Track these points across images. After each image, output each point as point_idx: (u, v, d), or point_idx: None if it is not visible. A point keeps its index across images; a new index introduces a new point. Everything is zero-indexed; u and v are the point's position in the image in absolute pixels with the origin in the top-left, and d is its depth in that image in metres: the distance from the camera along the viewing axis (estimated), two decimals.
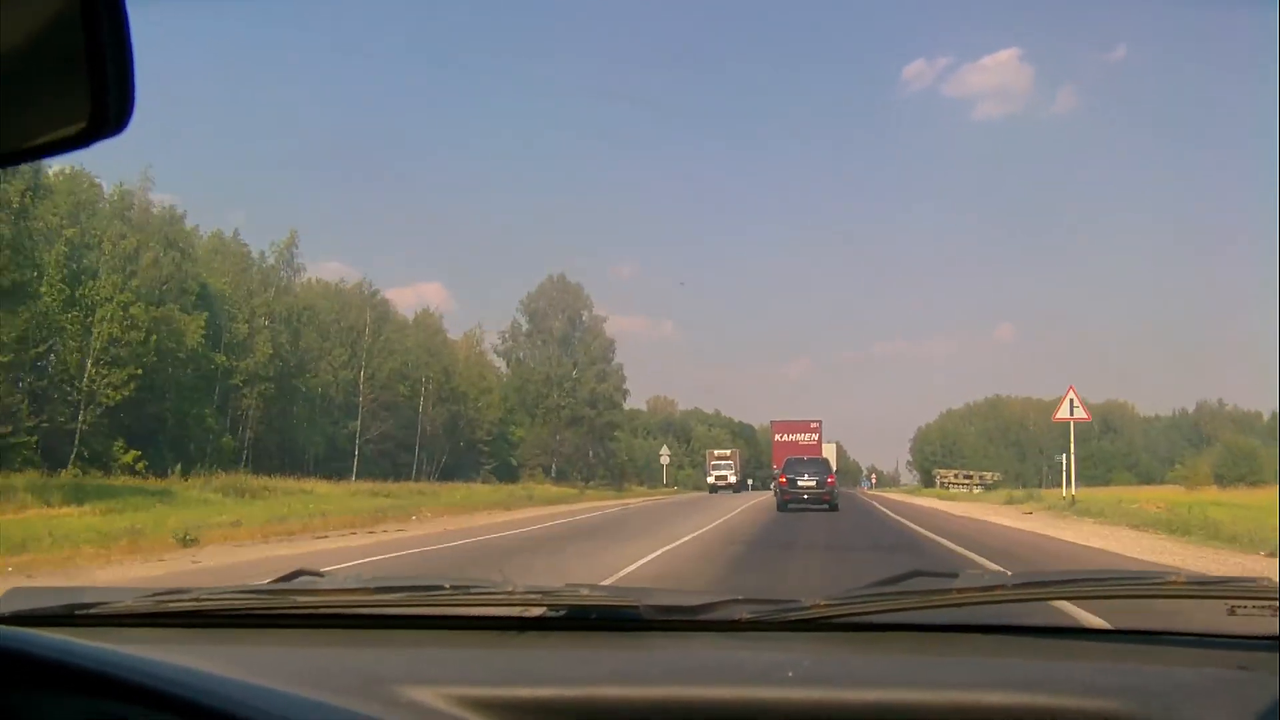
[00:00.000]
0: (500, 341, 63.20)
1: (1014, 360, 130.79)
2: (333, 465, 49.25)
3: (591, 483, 65.16)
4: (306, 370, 47.36)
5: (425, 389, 54.14)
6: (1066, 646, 1.62)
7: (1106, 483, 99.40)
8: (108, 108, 0.94)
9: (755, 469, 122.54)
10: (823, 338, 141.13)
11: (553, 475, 57.17)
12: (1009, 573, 2.18)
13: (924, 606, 1.65)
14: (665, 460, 62.93)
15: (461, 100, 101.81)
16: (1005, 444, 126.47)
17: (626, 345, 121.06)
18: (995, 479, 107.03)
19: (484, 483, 50.97)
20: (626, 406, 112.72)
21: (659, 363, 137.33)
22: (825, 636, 1.64)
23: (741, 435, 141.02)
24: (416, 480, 49.40)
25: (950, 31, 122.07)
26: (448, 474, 53.64)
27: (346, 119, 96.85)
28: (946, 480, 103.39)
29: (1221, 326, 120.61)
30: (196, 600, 1.77)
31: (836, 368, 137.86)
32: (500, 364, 64.67)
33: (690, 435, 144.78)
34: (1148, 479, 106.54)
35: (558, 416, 58.56)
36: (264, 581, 1.96)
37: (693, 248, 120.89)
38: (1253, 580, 1.65)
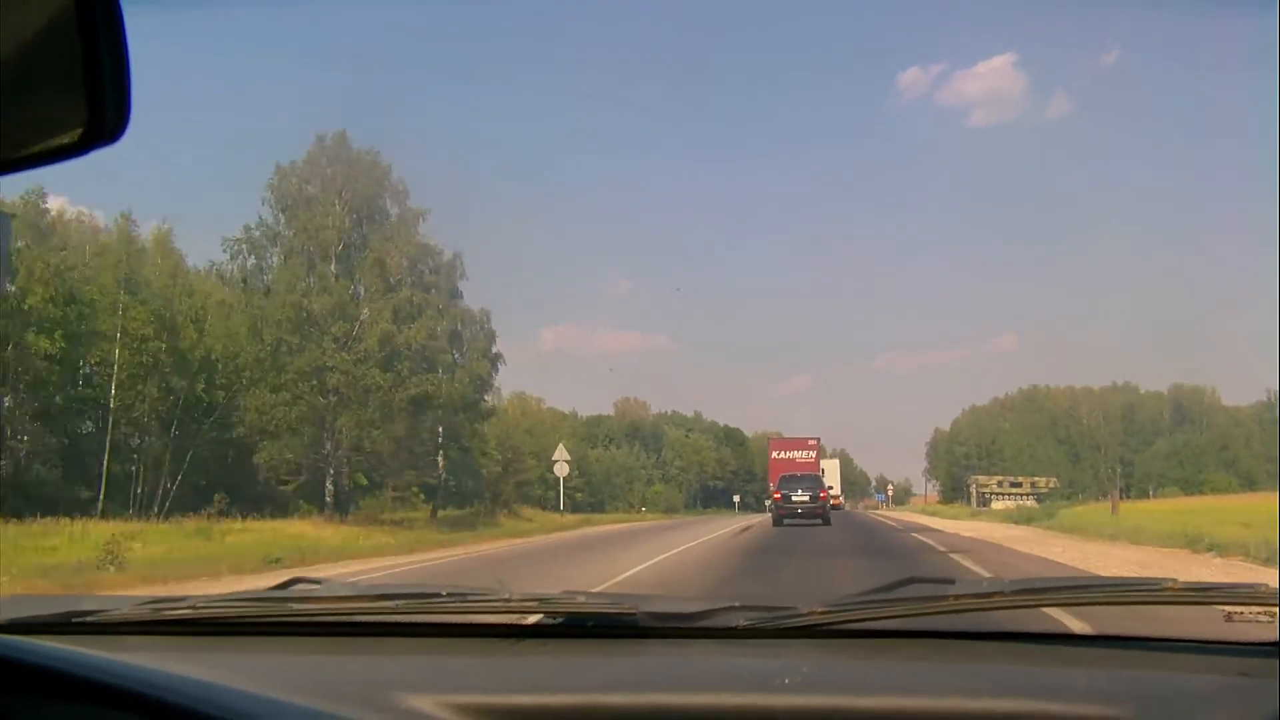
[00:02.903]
0: (228, 257, 32.92)
1: (1032, 361, 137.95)
2: None
3: (443, 513, 38.40)
4: None
5: (122, 346, 27.07)
6: (1066, 653, 1.69)
7: (1199, 487, 69.88)
8: (105, 116, 0.96)
9: (745, 482, 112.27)
10: (824, 350, 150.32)
11: (329, 501, 29.26)
12: (1006, 579, 2.19)
13: (922, 613, 1.72)
14: (561, 471, 35.40)
15: (456, 110, 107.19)
16: (1053, 442, 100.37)
17: (621, 360, 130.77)
18: (1050, 486, 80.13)
19: (288, 516, 30.14)
20: (594, 412, 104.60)
21: (655, 378, 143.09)
22: (823, 643, 1.71)
23: (728, 442, 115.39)
24: (106, 518, 26.53)
25: (944, 38, 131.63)
26: (198, 502, 26.49)
27: (338, 124, 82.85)
28: (988, 491, 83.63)
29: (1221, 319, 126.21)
30: (194, 608, 1.85)
31: (840, 380, 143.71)
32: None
33: (662, 443, 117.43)
34: (1250, 482, 77.77)
35: (319, 388, 29.93)
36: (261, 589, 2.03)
37: (689, 261, 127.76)
38: (1250, 586, 1.72)
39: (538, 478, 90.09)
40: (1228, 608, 1.63)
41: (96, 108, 0.93)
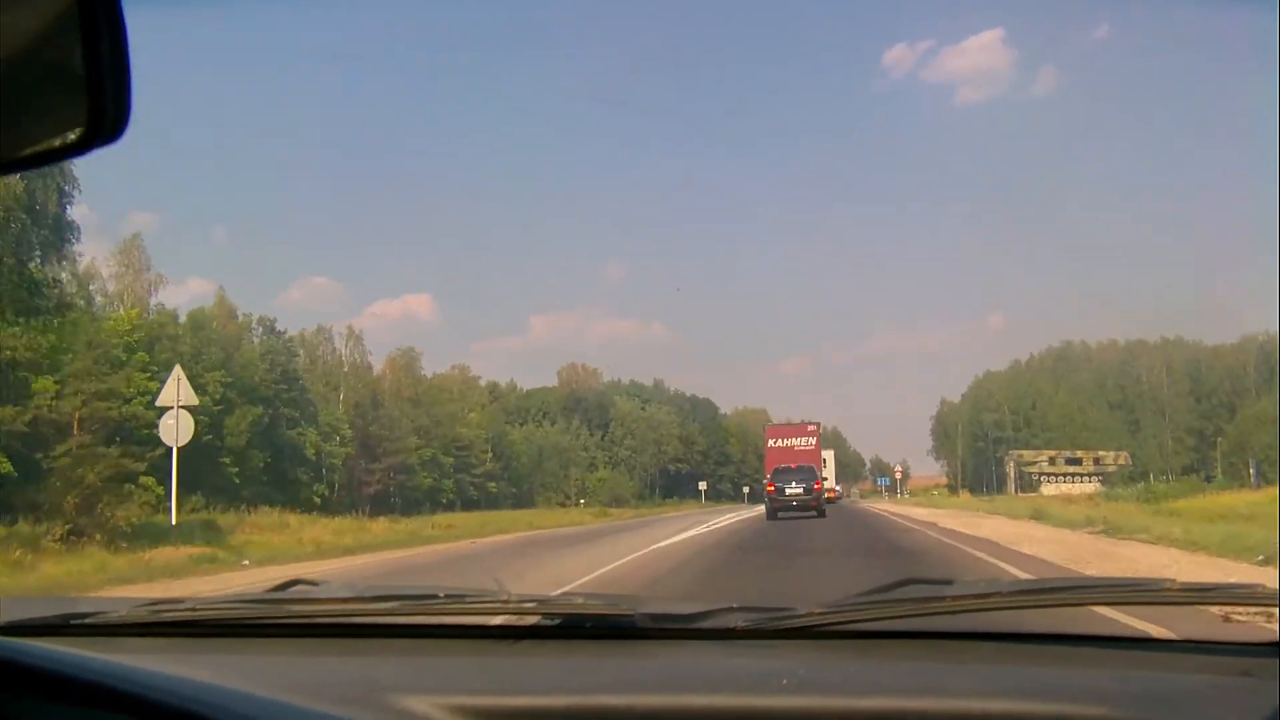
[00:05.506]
0: None
1: (1025, 338, 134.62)
2: None
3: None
4: None
5: None
6: (1064, 653, 1.75)
7: None
8: (105, 115, 1.00)
9: (717, 465, 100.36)
10: (818, 333, 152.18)
11: None
12: (1004, 580, 2.23)
13: (920, 614, 1.77)
14: (174, 436, 10.32)
15: (449, 104, 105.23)
16: (1105, 406, 77.10)
17: (616, 347, 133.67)
18: (1121, 462, 55.39)
19: None
20: (537, 383, 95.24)
21: (649, 365, 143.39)
22: (820, 644, 1.78)
23: (695, 416, 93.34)
24: None
25: (931, 14, 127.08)
26: None
27: (336, 126, 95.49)
28: (1035, 470, 68.84)
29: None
30: (191, 610, 1.89)
31: (830, 361, 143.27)
32: None
33: (609, 415, 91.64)
34: None
35: None
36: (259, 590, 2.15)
37: (679, 246, 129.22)
38: (1249, 586, 1.76)
39: (425, 460, 64.80)
40: (1226, 608, 1.65)
41: (97, 106, 0.94)
